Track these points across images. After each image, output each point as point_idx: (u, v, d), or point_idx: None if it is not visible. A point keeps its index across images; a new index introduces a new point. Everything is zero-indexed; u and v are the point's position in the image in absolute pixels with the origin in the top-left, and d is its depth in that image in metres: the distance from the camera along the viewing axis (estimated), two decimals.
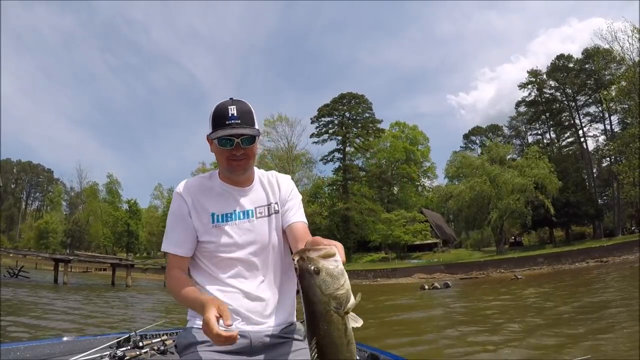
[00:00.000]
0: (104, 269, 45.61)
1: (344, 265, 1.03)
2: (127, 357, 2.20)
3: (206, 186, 1.55)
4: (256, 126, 1.48)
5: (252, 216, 1.54)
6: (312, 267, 0.97)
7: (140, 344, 2.39)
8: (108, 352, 2.22)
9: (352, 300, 0.99)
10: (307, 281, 0.98)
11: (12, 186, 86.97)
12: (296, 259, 1.00)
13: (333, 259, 1.00)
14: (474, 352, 7.21)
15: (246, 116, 1.45)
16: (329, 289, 0.96)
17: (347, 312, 0.98)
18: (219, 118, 1.43)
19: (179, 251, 1.50)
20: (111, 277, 33.58)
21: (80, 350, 2.21)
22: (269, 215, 1.58)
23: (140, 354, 2.29)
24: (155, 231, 69.68)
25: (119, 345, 2.37)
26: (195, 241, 1.52)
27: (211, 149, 1.52)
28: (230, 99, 1.48)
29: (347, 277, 1.00)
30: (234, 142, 1.42)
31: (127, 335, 2.46)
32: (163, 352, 2.35)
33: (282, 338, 1.49)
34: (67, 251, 51.53)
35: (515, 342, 7.60)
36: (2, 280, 26.89)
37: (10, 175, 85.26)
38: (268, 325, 1.49)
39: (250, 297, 1.49)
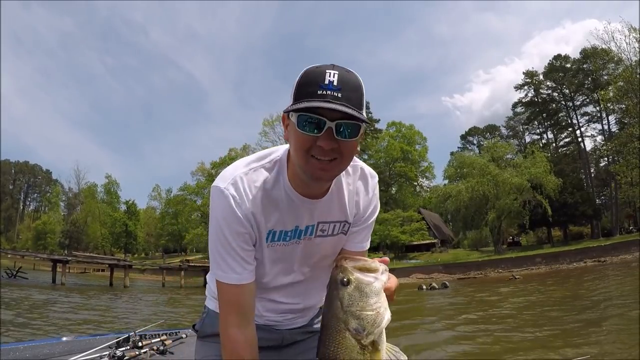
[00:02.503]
0: (102, 270, 45.54)
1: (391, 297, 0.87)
2: (126, 357, 2.20)
3: (268, 192, 1.09)
4: (363, 112, 0.96)
5: (312, 234, 1.18)
6: (341, 277, 0.82)
7: (140, 344, 2.39)
8: (107, 352, 2.22)
9: (381, 329, 0.79)
10: (331, 291, 0.83)
11: (10, 187, 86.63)
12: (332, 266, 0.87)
13: (372, 274, 0.83)
14: (468, 350, 7.23)
15: (352, 91, 0.94)
16: (352, 306, 0.78)
17: (370, 341, 0.78)
18: (308, 84, 0.92)
19: (245, 277, 1.11)
20: (109, 277, 33.51)
21: (80, 350, 2.21)
22: (333, 235, 1.21)
23: (140, 354, 2.29)
24: (153, 232, 69.62)
25: (118, 345, 2.37)
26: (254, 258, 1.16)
27: (286, 133, 1.04)
28: (332, 65, 0.95)
29: (384, 301, 0.82)
30: (324, 124, 0.92)
31: (127, 336, 2.47)
32: (162, 352, 2.35)
33: (313, 333, 1.38)
34: (65, 252, 51.30)
35: (506, 339, 7.63)
36: (1, 281, 26.80)
37: (8, 176, 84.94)
38: (302, 320, 1.39)
39: (285, 309, 1.34)
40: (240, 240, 1.08)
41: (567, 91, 53.08)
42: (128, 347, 2.36)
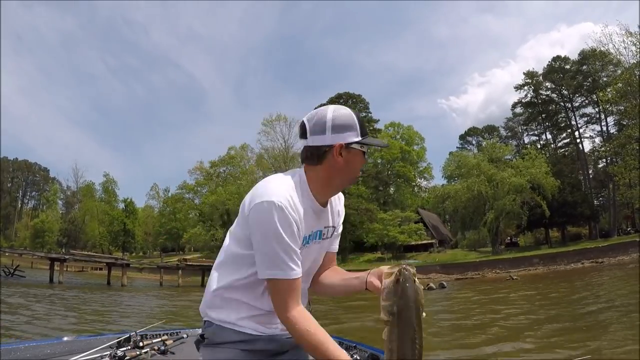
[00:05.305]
0: (100, 268, 45.45)
1: None
2: (127, 357, 2.20)
3: (302, 202, 1.28)
4: None
5: (321, 237, 1.40)
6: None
7: (141, 344, 2.40)
8: (108, 352, 2.23)
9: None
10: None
11: (8, 185, 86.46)
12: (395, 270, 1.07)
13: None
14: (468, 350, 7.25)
15: None
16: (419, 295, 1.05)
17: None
18: (364, 126, 1.31)
19: (300, 272, 1.25)
20: (107, 276, 33.45)
21: (81, 350, 2.22)
22: (328, 237, 1.46)
23: (141, 354, 2.29)
24: (151, 231, 69.42)
25: (119, 345, 2.37)
26: None
27: (339, 155, 1.29)
28: None
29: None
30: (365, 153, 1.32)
31: (128, 335, 2.47)
32: (163, 352, 2.36)
33: None
34: (63, 250, 51.25)
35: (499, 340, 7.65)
36: (0, 280, 26.79)
37: (7, 174, 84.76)
38: None
39: None
40: (295, 242, 1.24)
41: (566, 92, 53.22)
42: (129, 347, 2.36)
